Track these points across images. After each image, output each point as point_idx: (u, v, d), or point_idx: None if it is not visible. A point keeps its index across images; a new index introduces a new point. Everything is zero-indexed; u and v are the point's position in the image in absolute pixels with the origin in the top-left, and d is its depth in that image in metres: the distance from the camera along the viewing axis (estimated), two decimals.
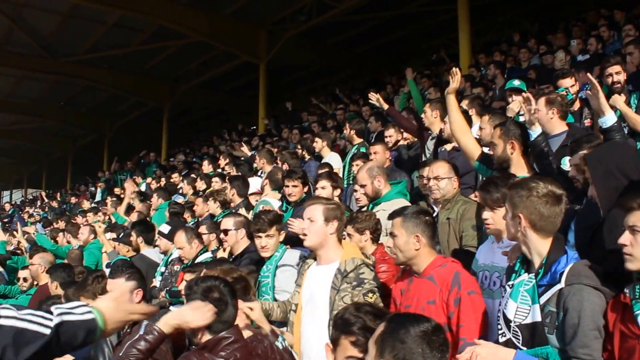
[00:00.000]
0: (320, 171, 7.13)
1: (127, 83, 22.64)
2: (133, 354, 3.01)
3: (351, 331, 2.57)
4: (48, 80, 23.02)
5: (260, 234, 4.93)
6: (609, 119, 4.62)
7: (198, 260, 5.98)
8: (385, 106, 8.04)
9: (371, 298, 3.70)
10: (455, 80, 5.17)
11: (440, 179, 5.01)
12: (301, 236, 4.09)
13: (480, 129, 5.94)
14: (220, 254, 5.87)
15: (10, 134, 29.74)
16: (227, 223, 5.48)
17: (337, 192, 5.99)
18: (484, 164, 4.98)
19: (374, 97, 7.86)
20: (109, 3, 16.03)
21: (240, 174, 8.90)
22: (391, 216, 3.77)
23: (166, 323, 3.04)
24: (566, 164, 4.48)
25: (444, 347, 2.11)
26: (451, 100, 5.15)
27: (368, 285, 3.74)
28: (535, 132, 4.59)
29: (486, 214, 3.67)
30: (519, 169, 4.63)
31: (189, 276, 4.85)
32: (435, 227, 3.73)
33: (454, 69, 5.25)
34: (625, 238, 2.70)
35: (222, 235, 5.55)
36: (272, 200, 6.94)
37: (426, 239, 3.56)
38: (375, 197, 5.55)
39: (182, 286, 5.07)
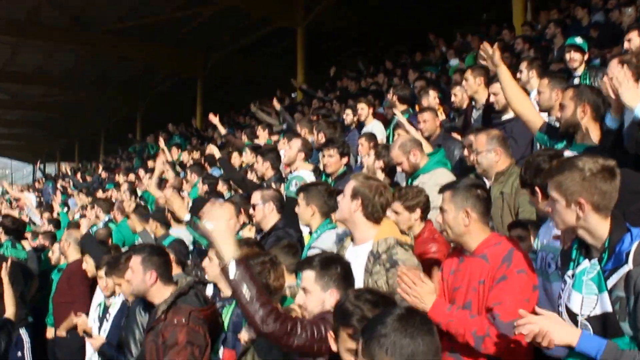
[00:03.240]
0: (360, 140, 6.93)
1: (159, 53, 22.72)
2: (256, 293, 2.96)
3: (349, 323, 2.54)
4: (79, 52, 23.22)
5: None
6: None
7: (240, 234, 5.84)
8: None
9: None
10: (494, 50, 4.70)
11: (479, 152, 4.80)
12: None
13: (539, 93, 5.65)
14: (246, 233, 5.74)
15: (43, 106, 30.31)
16: (255, 197, 5.31)
17: (380, 163, 5.77)
18: (548, 134, 4.69)
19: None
20: None
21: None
22: (442, 189, 3.56)
23: (226, 249, 3.00)
24: None
25: (426, 320, 2.20)
26: (503, 70, 4.70)
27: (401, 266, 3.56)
28: (614, 119, 4.22)
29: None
30: (587, 136, 4.35)
31: (211, 252, 4.74)
32: (490, 202, 3.48)
33: (482, 45, 4.87)
34: None
35: (251, 211, 5.40)
36: (305, 173, 6.72)
37: (477, 215, 3.33)
38: (414, 171, 5.35)
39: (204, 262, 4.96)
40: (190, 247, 6.98)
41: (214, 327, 4.17)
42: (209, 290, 5.18)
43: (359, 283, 3.64)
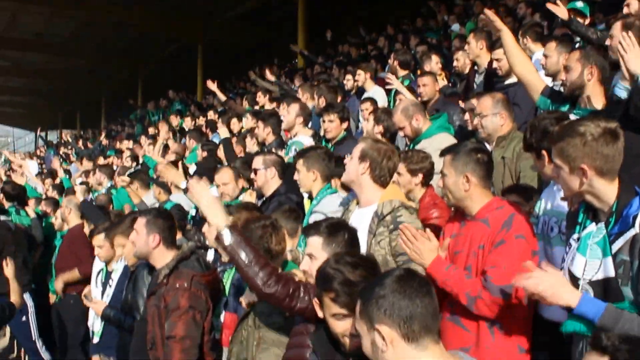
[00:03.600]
0: (362, 106, 6.89)
1: (159, 19, 22.47)
2: (255, 257, 2.97)
3: (330, 287, 2.52)
4: (78, 18, 23.00)
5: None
6: None
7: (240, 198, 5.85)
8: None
9: None
10: (495, 19, 4.64)
11: (483, 116, 4.76)
12: None
13: (545, 57, 5.61)
14: (247, 198, 5.73)
15: (43, 74, 30.17)
16: (257, 162, 5.28)
17: (379, 127, 5.71)
18: (550, 98, 4.64)
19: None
20: None
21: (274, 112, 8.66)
22: (442, 153, 3.55)
23: (217, 220, 3.06)
24: None
25: (425, 281, 2.17)
26: (506, 34, 4.63)
27: None
28: (623, 87, 4.13)
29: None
30: (593, 98, 4.30)
31: None
32: (491, 165, 3.47)
33: (482, 15, 4.81)
34: None
35: (252, 175, 5.36)
36: (304, 139, 6.67)
37: (477, 179, 3.32)
38: (416, 136, 5.32)
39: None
40: (193, 212, 6.99)
41: (215, 292, 4.20)
42: (210, 256, 5.21)
43: (363, 246, 3.64)
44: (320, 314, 2.64)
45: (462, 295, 3.20)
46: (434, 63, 7.83)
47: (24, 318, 7.37)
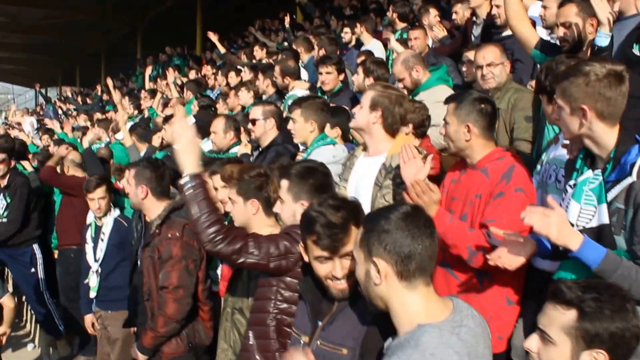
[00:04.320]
0: (358, 60, 6.82)
1: None
2: (206, 208, 2.94)
3: (313, 230, 2.50)
4: None
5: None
6: None
7: (233, 150, 5.85)
8: None
9: None
10: None
11: (495, 65, 4.72)
12: None
13: (544, 7, 5.53)
14: (242, 149, 5.72)
15: (41, 29, 29.78)
16: (256, 112, 5.25)
17: (370, 79, 5.63)
18: (543, 51, 4.60)
19: None
20: None
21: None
22: (446, 101, 3.53)
23: (184, 163, 3.01)
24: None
25: (430, 222, 2.14)
26: None
27: None
28: (605, 35, 4.11)
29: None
30: (587, 49, 4.27)
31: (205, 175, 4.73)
32: (495, 115, 3.43)
33: None
34: None
35: (249, 126, 5.34)
36: (300, 92, 6.63)
37: (479, 130, 3.31)
38: (415, 88, 5.29)
39: None
40: None
41: None
42: None
43: (367, 195, 3.67)
44: (305, 258, 2.65)
45: (464, 248, 3.20)
46: (432, 16, 7.75)
47: (32, 269, 7.47)
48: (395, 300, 2.09)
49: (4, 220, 7.36)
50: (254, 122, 5.23)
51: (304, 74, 8.04)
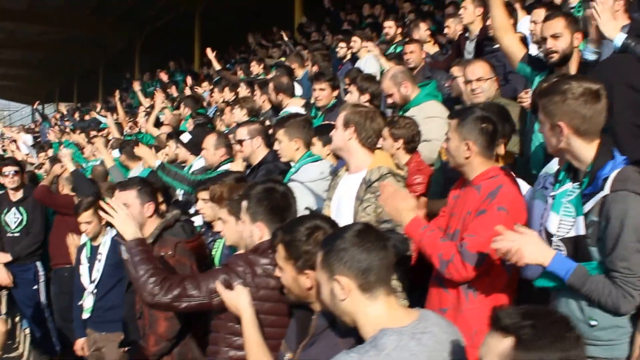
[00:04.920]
0: (346, 80, 6.90)
1: None
2: (143, 267, 3.03)
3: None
4: None
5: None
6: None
7: (222, 168, 5.86)
8: None
9: None
10: None
11: (484, 79, 4.80)
12: None
13: (535, 22, 5.62)
14: (235, 167, 5.78)
15: (39, 45, 30.02)
16: (241, 132, 5.34)
17: (366, 97, 5.73)
18: (529, 65, 4.68)
19: None
20: None
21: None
22: (450, 116, 3.62)
23: (124, 234, 3.17)
24: None
25: (383, 237, 2.31)
26: None
27: None
28: (592, 50, 4.22)
29: None
30: (572, 64, 4.39)
31: (202, 194, 4.80)
32: (496, 136, 3.48)
33: None
34: None
35: (237, 146, 5.43)
36: (295, 109, 6.70)
37: (479, 148, 3.34)
38: (405, 104, 5.35)
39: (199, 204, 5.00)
40: None
41: (201, 258, 4.26)
42: (199, 221, 5.27)
43: (348, 211, 3.76)
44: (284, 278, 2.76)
45: (435, 256, 3.27)
46: (422, 31, 7.85)
47: (35, 286, 7.50)
48: (360, 312, 2.22)
49: (16, 234, 7.39)
50: (240, 142, 5.33)
51: (298, 90, 8.10)
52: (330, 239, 2.33)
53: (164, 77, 11.77)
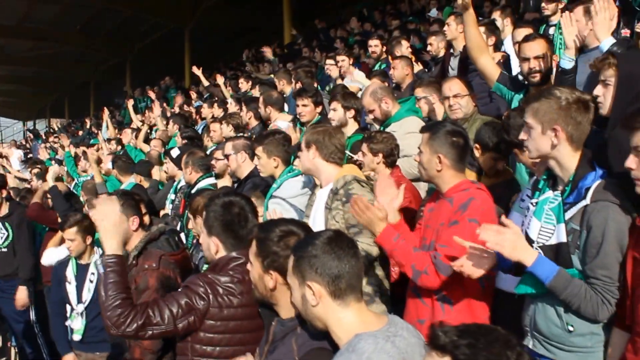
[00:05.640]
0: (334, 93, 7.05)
1: (146, 2, 22.47)
2: (112, 292, 3.01)
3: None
4: (63, 1, 22.99)
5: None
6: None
7: (200, 185, 6.06)
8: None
9: None
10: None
11: (461, 96, 4.94)
12: None
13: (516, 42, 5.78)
14: (222, 182, 5.93)
15: (29, 60, 30.08)
16: (227, 148, 5.55)
17: (351, 112, 5.88)
18: (504, 84, 4.84)
19: None
20: None
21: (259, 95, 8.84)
22: (422, 130, 3.70)
23: (106, 245, 3.11)
24: None
25: (353, 244, 2.38)
26: (469, 15, 4.84)
27: None
28: (569, 58, 4.42)
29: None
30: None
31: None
32: (467, 149, 3.60)
33: None
34: (630, 161, 2.61)
35: (224, 161, 5.62)
36: (282, 124, 6.87)
37: (450, 162, 3.46)
38: (386, 119, 5.50)
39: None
40: (172, 196, 7.15)
41: (186, 271, 4.32)
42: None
43: (321, 221, 3.93)
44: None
45: (408, 267, 3.37)
46: (404, 48, 8.01)
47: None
48: (332, 317, 2.30)
49: (3, 249, 7.36)
50: (227, 157, 5.55)
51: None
52: (302, 244, 2.39)
53: (152, 94, 11.90)
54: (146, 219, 4.64)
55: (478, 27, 4.96)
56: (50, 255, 6.38)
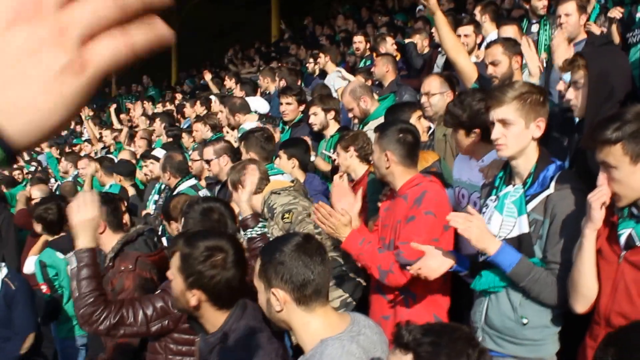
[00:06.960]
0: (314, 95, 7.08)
1: None
2: (86, 289, 3.05)
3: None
4: None
5: None
6: None
7: (180, 188, 6.05)
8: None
9: (288, 218, 3.90)
10: (431, 1, 4.76)
11: (432, 94, 4.95)
12: None
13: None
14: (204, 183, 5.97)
15: None
16: (208, 153, 5.56)
17: (332, 114, 5.92)
18: (482, 85, 4.87)
19: None
20: None
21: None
22: (374, 129, 3.80)
23: (79, 239, 3.13)
24: None
25: (322, 250, 2.37)
26: (438, 17, 4.83)
27: (279, 209, 4.01)
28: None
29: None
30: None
31: None
32: (416, 146, 3.67)
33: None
34: (601, 179, 2.59)
35: (205, 165, 5.63)
36: (248, 125, 6.78)
37: (398, 158, 3.54)
38: (365, 117, 5.53)
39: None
40: (156, 197, 7.14)
41: (165, 272, 4.34)
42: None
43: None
44: None
45: (375, 268, 3.44)
46: (389, 45, 8.04)
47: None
48: (297, 322, 2.33)
49: None
50: (208, 162, 5.55)
51: (261, 103, 8.18)
52: (269, 250, 2.39)
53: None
54: (126, 217, 4.65)
55: (450, 27, 4.97)
56: (31, 264, 6.39)
